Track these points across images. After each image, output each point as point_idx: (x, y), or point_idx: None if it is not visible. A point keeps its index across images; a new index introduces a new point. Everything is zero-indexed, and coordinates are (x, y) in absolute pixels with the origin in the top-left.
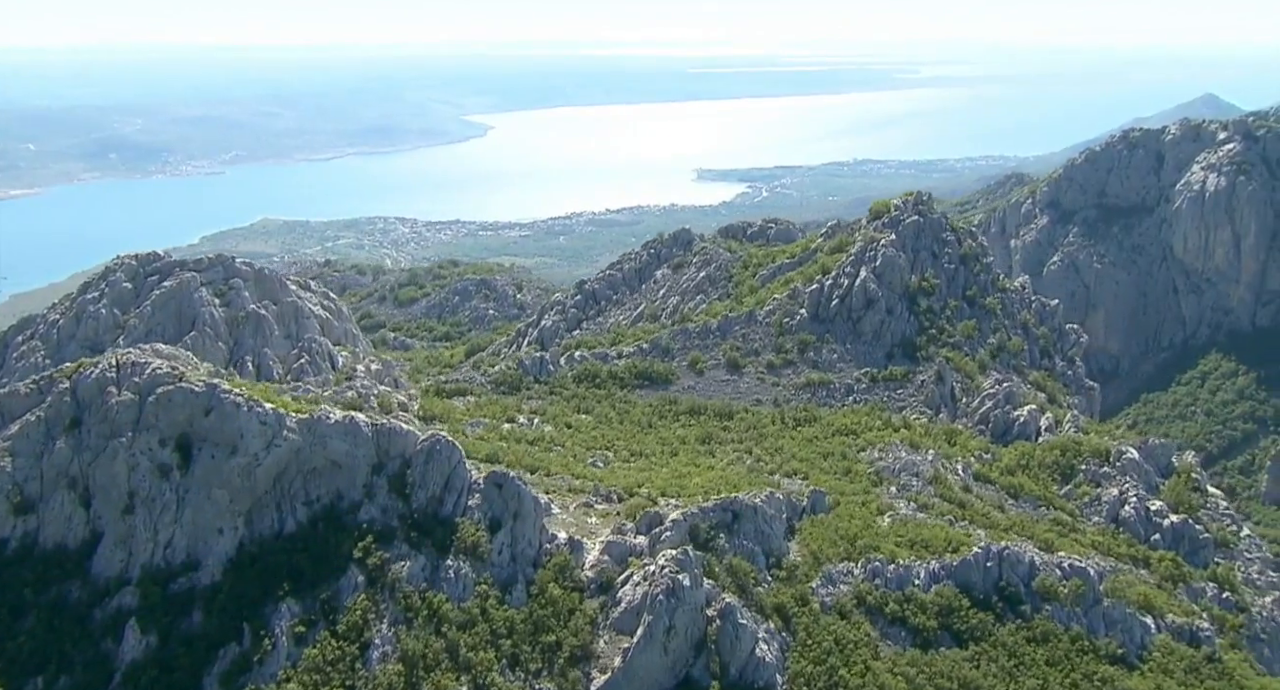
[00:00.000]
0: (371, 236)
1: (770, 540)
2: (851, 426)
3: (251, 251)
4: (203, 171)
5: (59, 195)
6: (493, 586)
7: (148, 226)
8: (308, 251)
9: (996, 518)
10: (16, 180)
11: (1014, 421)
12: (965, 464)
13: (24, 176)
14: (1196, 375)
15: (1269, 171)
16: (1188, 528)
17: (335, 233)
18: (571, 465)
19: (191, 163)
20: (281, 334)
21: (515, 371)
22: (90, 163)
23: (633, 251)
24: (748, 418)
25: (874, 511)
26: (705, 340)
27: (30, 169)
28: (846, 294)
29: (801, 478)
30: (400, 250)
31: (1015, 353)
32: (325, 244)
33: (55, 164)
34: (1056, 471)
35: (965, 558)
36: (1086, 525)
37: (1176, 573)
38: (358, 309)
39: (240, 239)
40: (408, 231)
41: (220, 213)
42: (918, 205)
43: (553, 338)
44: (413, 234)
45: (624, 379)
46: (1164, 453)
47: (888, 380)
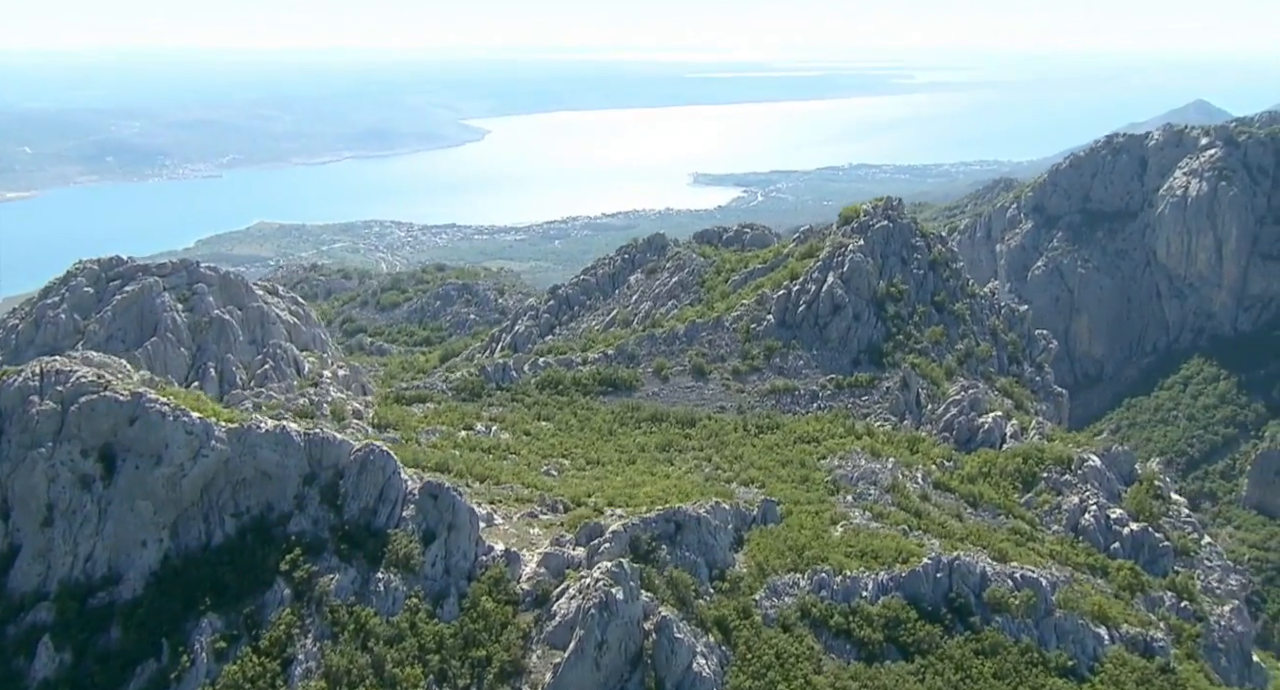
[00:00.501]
0: (367, 240)
1: (714, 551)
2: (813, 434)
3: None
4: (200, 175)
5: (55, 198)
6: (424, 600)
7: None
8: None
9: (953, 527)
10: (13, 183)
11: (978, 428)
12: (925, 472)
13: (20, 179)
14: (1179, 380)
15: (1250, 177)
16: (1147, 536)
17: (331, 236)
18: (523, 474)
19: (188, 166)
20: (246, 339)
21: (477, 378)
22: (87, 166)
23: (607, 257)
24: (710, 425)
25: (827, 521)
26: (671, 346)
27: (27, 172)
28: (814, 300)
29: (758, 486)
30: (395, 254)
31: (983, 359)
32: (321, 247)
33: (52, 167)
34: (1018, 479)
35: (915, 569)
36: (1046, 534)
37: (1135, 582)
38: (340, 313)
39: (236, 242)
40: (403, 235)
41: (217, 216)
42: (887, 210)
43: (525, 343)
44: (408, 238)
45: (587, 386)
46: (1126, 460)
47: (853, 387)
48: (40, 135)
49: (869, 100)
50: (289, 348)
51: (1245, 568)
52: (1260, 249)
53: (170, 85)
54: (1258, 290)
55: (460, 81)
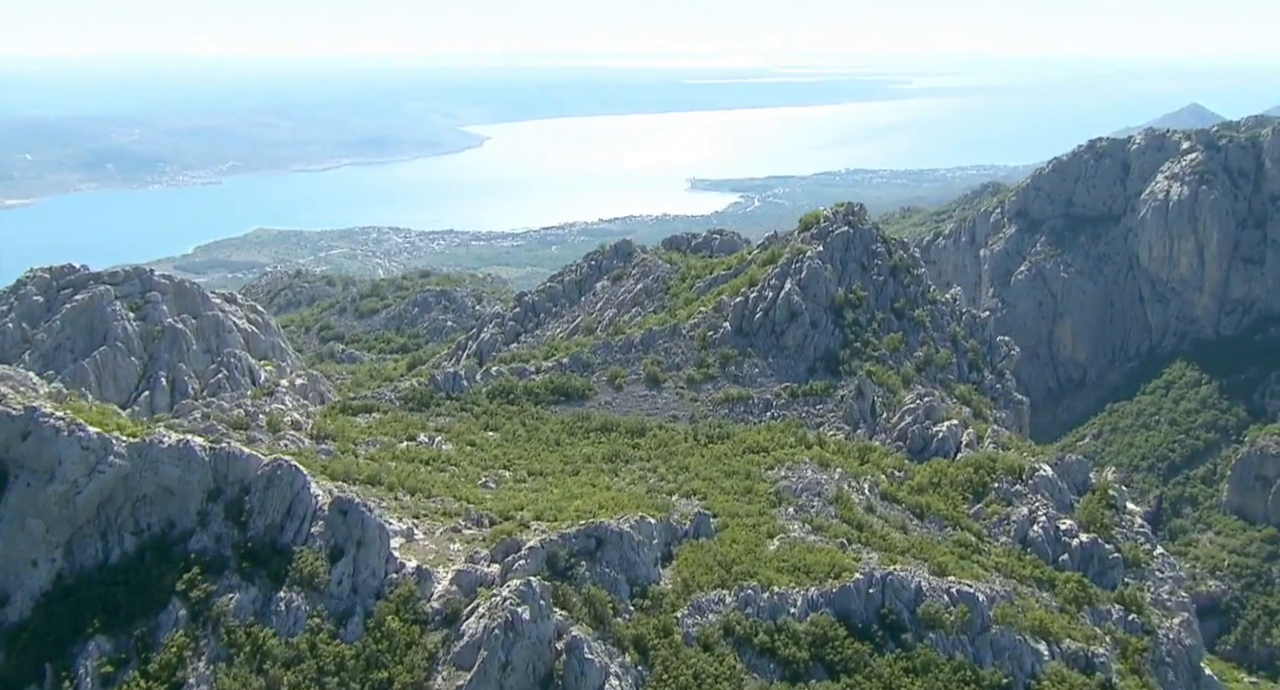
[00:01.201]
0: (365, 246)
1: (636, 567)
2: (763, 444)
3: (244, 261)
4: (199, 182)
5: (54, 205)
6: (327, 620)
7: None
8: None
9: (895, 540)
10: (12, 190)
11: (932, 437)
12: (873, 483)
13: (19, 186)
14: (1161, 384)
15: (1230, 181)
16: (1097, 547)
17: (329, 243)
18: (458, 486)
19: (188, 173)
20: (201, 348)
21: (426, 388)
22: (87, 173)
23: (574, 263)
24: (660, 435)
25: (764, 534)
26: (627, 355)
27: (26, 179)
28: (770, 307)
29: (700, 498)
30: (392, 260)
31: (943, 366)
32: (319, 254)
33: (51, 174)
34: (969, 490)
35: (846, 584)
36: (993, 546)
37: (1081, 594)
38: (318, 320)
39: (234, 249)
40: (401, 241)
41: (215, 223)
42: (848, 216)
43: (490, 350)
44: (406, 244)
45: (539, 395)
46: (1080, 470)
47: (808, 395)
48: (40, 142)
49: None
50: (244, 356)
51: (1225, 573)
52: (1241, 253)
53: (170, 93)
54: (1239, 294)
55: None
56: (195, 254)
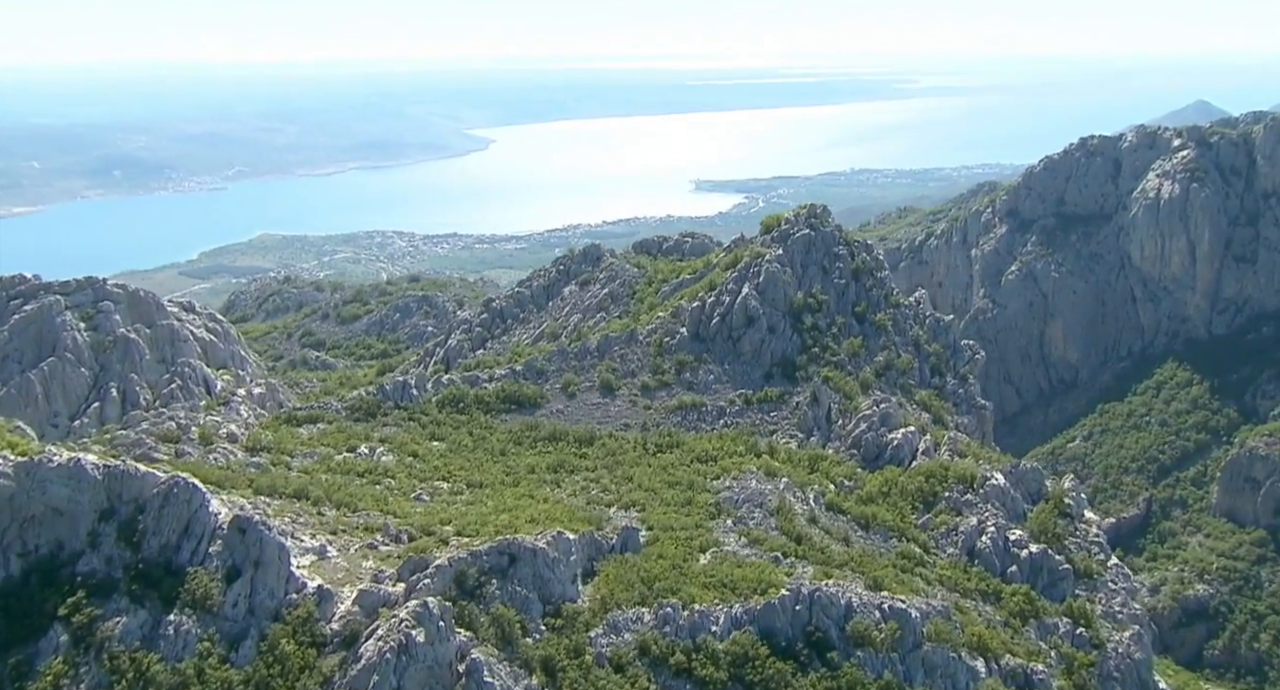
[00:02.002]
0: (369, 250)
1: (550, 585)
2: (712, 453)
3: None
4: (204, 187)
5: (62, 212)
6: (218, 644)
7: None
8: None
9: (833, 553)
10: (20, 197)
11: (886, 445)
12: (818, 493)
13: (27, 194)
14: (1152, 385)
15: (1222, 178)
16: (1047, 558)
17: (333, 247)
18: (389, 500)
19: (194, 179)
20: (154, 358)
21: (373, 397)
22: (94, 180)
23: (543, 268)
24: (609, 444)
25: (696, 548)
26: (583, 362)
27: (34, 186)
28: (728, 312)
29: (638, 509)
30: (396, 264)
31: (903, 371)
32: (323, 258)
33: (59, 181)
34: (919, 499)
35: (770, 601)
36: (939, 557)
37: (1028, 608)
38: (300, 326)
39: (238, 254)
40: (405, 245)
41: (221, 228)
42: (810, 218)
43: (457, 357)
44: (409, 248)
45: (490, 404)
46: (1035, 478)
47: (762, 402)
48: (48, 150)
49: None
50: (199, 366)
51: (1213, 577)
52: (1234, 251)
53: (176, 99)
54: (1231, 293)
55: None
56: (200, 259)
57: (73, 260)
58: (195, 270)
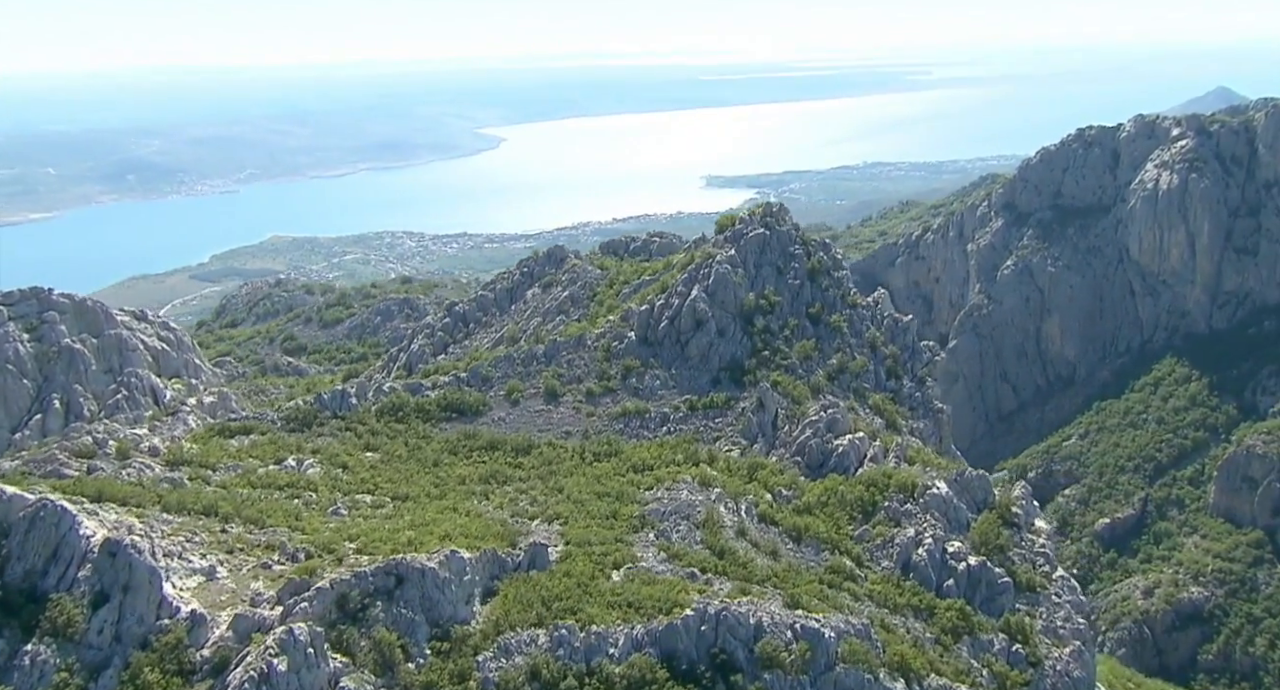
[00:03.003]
0: (378, 251)
1: (440, 607)
2: (649, 461)
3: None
4: (217, 190)
5: (76, 218)
6: (76, 673)
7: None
8: (314, 268)
9: (756, 568)
10: (36, 203)
11: (832, 452)
12: (751, 503)
13: (43, 200)
14: (1150, 381)
15: (1222, 168)
16: (986, 571)
17: (343, 248)
18: (303, 515)
19: (206, 182)
20: (101, 368)
21: (310, 407)
22: (108, 185)
23: (507, 270)
24: (547, 453)
25: (609, 565)
26: (528, 367)
27: (49, 192)
28: (676, 315)
29: (560, 523)
30: (405, 264)
31: (857, 374)
32: (332, 259)
33: (74, 187)
34: (858, 509)
35: (673, 621)
36: (872, 571)
37: (961, 624)
38: (282, 330)
39: (249, 257)
40: (414, 245)
41: (232, 231)
42: (766, 217)
43: (419, 362)
44: (419, 248)
45: (430, 412)
46: (981, 486)
47: (707, 408)
48: (63, 156)
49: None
50: (146, 376)
51: (1208, 579)
52: (1234, 243)
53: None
54: (1232, 286)
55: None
56: (211, 263)
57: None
58: (206, 273)
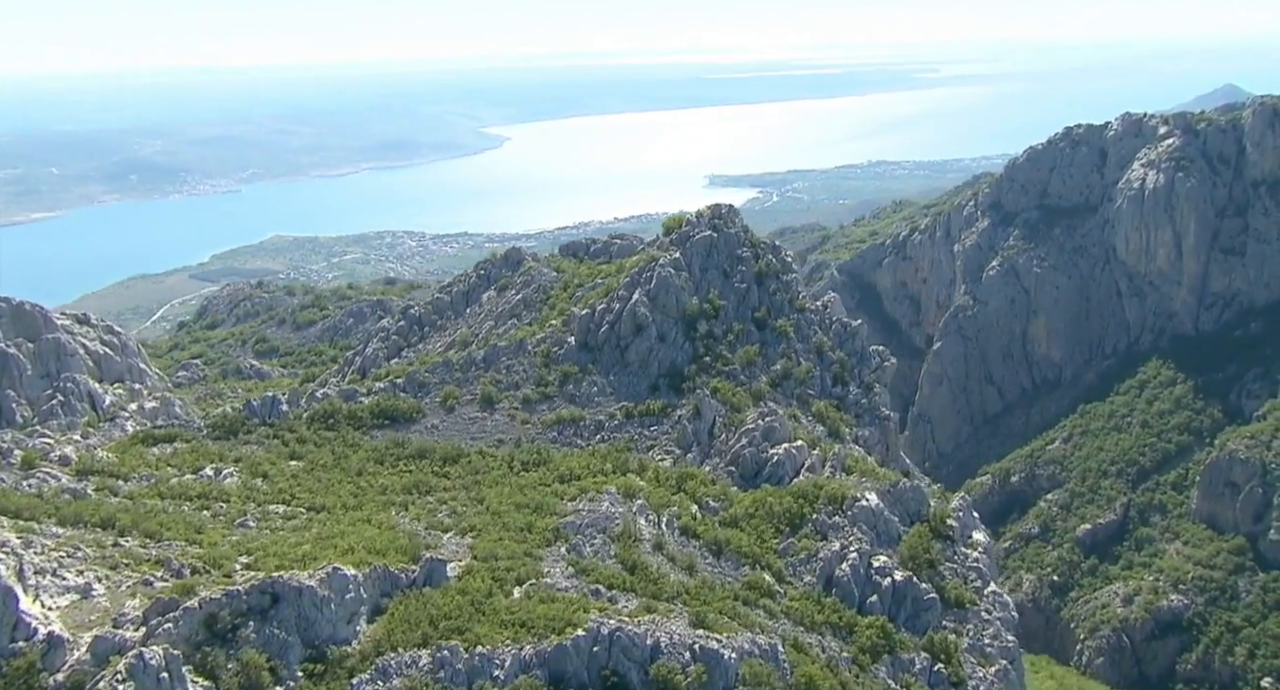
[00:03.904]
0: (379, 251)
1: (317, 627)
2: (577, 471)
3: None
4: (219, 190)
5: (79, 217)
6: None
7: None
8: (314, 267)
9: (667, 584)
10: (38, 203)
11: (766, 461)
12: (673, 516)
13: (45, 199)
14: (1135, 384)
15: (1209, 167)
16: (911, 587)
17: (343, 248)
18: (207, 528)
19: (209, 182)
20: (37, 373)
21: (238, 414)
22: (111, 185)
23: (465, 272)
24: (476, 462)
25: (513, 581)
26: (467, 373)
27: (52, 192)
28: (616, 320)
29: (473, 536)
30: (405, 264)
31: (802, 380)
32: (332, 259)
33: (77, 187)
34: (786, 521)
35: (564, 642)
36: (793, 587)
37: (882, 642)
38: (255, 333)
39: (249, 256)
40: (415, 245)
41: (234, 230)
42: (714, 219)
43: (372, 366)
44: (420, 248)
45: (363, 419)
46: (916, 497)
47: (644, 415)
48: (67, 156)
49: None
50: (83, 381)
51: (1188, 587)
52: (1221, 243)
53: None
54: (1219, 287)
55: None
56: (211, 262)
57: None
58: (206, 273)
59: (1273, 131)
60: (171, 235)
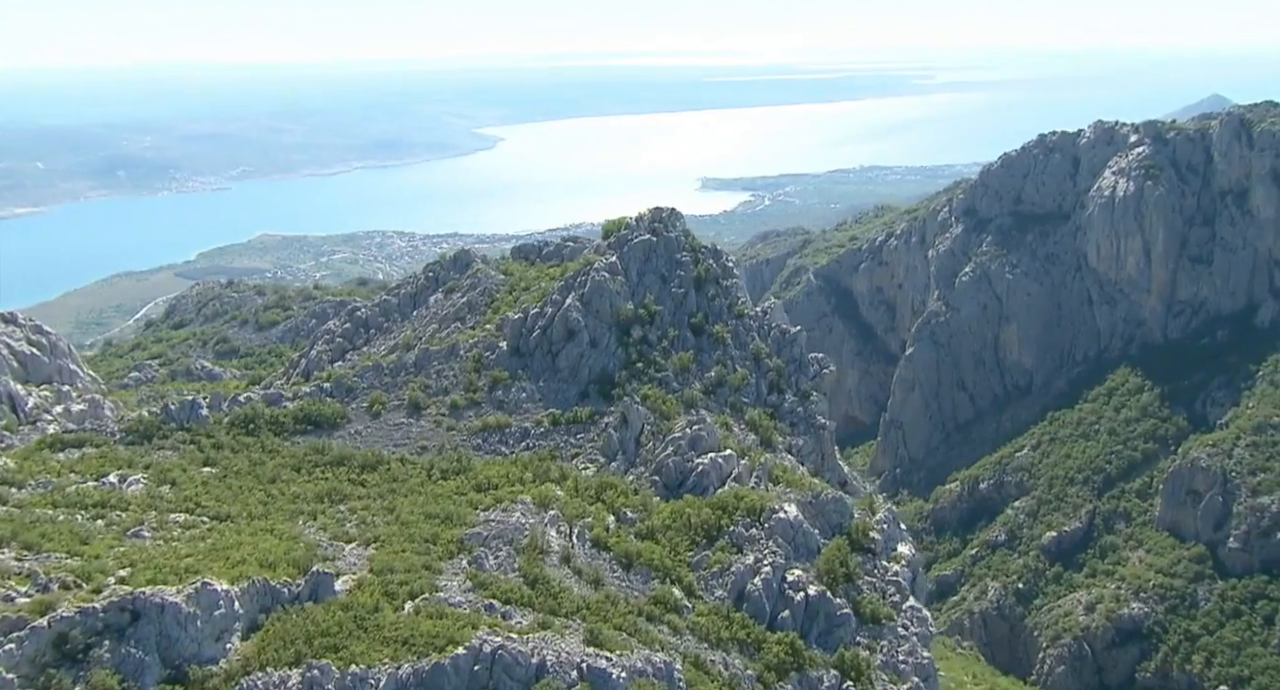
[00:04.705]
0: (367, 251)
1: (180, 646)
2: (495, 480)
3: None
4: (208, 188)
5: (64, 213)
6: None
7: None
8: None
9: (567, 599)
10: (22, 198)
11: (691, 471)
12: (585, 527)
13: (30, 195)
14: (1104, 391)
15: (1178, 176)
16: (825, 602)
17: (332, 247)
18: (97, 539)
19: (198, 179)
20: None
21: (154, 417)
22: (98, 181)
23: (414, 274)
24: (395, 470)
25: (405, 595)
26: (396, 378)
27: (37, 187)
28: (549, 324)
29: (375, 547)
30: (394, 264)
31: (737, 387)
32: (320, 259)
33: (63, 182)
34: (702, 533)
35: (441, 661)
36: (703, 603)
37: (790, 660)
38: (217, 333)
39: (236, 255)
40: (404, 245)
41: (222, 228)
42: (654, 223)
43: (316, 369)
44: (409, 248)
45: (285, 424)
46: (838, 509)
47: (571, 423)
48: (54, 150)
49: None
50: (4, 382)
51: (1149, 595)
52: (1189, 252)
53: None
54: (1187, 295)
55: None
56: (197, 260)
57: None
58: (191, 271)
59: (1239, 141)
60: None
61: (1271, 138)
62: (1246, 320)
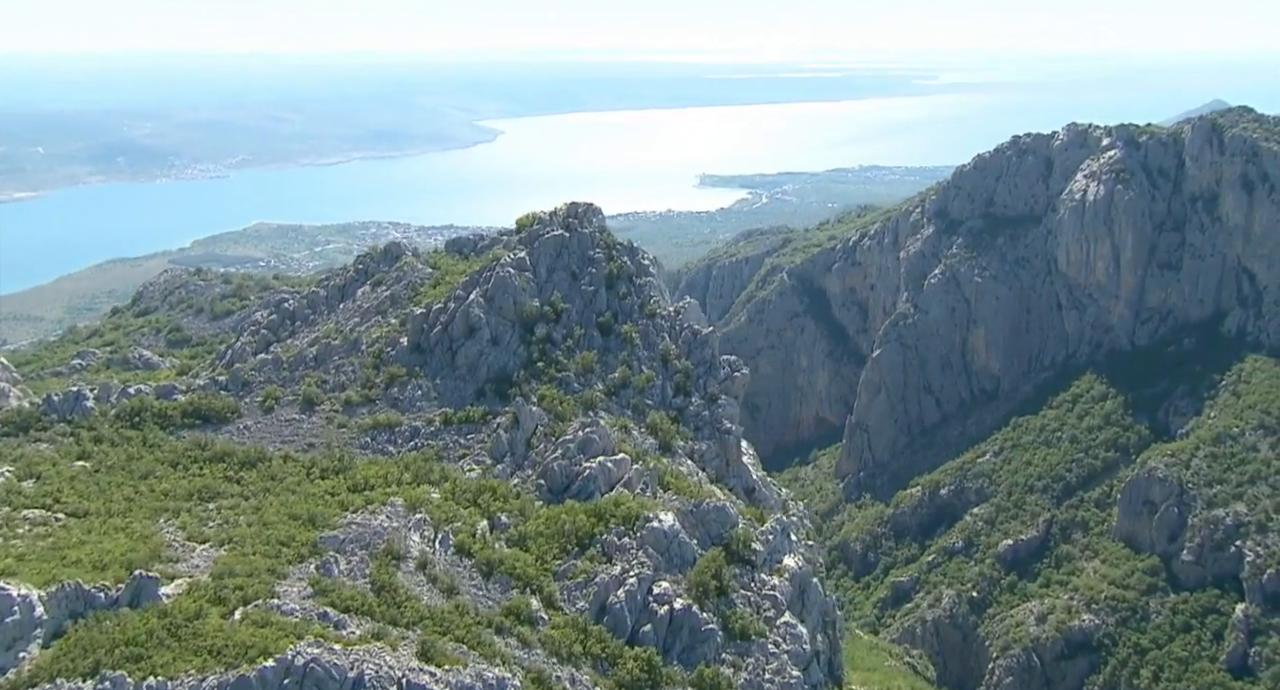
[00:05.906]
0: (362, 241)
1: None
2: (373, 480)
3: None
4: (207, 175)
5: (62, 198)
6: None
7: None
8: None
9: (411, 608)
10: (21, 182)
11: (578, 475)
12: (449, 532)
13: (29, 179)
14: (1069, 398)
15: (1149, 180)
16: (689, 616)
17: (326, 237)
18: None
19: (197, 166)
20: None
21: (35, 409)
22: (97, 166)
23: (344, 266)
24: (275, 467)
25: (238, 601)
26: (294, 373)
27: (36, 172)
28: (450, 321)
29: (226, 548)
30: None
31: (641, 389)
32: (315, 248)
33: (62, 167)
34: (575, 541)
35: (247, 674)
36: (562, 614)
37: (645, 676)
38: (170, 322)
39: (231, 243)
40: (399, 236)
41: (219, 216)
42: (569, 218)
43: (239, 360)
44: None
45: (172, 418)
46: (720, 518)
47: (463, 423)
48: (54, 136)
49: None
50: None
51: (1101, 607)
52: (1158, 258)
53: (186, 87)
54: (1155, 302)
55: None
56: (192, 248)
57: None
58: (186, 259)
59: (1210, 147)
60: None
61: (1242, 143)
62: (1214, 328)
